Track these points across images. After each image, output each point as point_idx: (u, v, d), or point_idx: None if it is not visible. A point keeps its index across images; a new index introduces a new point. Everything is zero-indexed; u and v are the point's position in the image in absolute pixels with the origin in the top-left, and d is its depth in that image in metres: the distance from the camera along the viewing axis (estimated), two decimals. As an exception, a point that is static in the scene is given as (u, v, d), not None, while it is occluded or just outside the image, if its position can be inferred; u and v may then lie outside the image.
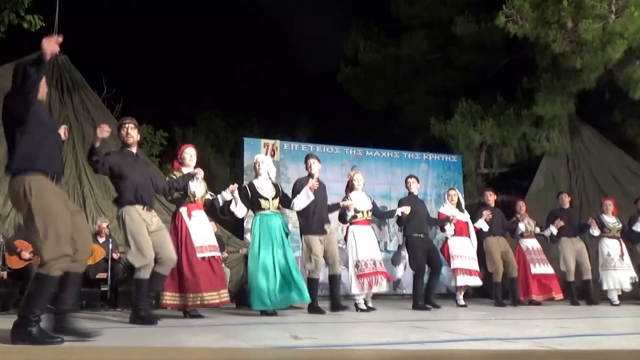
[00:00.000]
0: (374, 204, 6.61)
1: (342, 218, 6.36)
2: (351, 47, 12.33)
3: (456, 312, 6.32)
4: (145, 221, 4.62)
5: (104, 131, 4.33)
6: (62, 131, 4.02)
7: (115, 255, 6.87)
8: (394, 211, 6.92)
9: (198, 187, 5.37)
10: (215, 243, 5.38)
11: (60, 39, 3.19)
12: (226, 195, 5.54)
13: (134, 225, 4.55)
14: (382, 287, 6.25)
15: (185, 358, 2.87)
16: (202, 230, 5.25)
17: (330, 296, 6.28)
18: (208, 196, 5.56)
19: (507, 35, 9.32)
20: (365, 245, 6.22)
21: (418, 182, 7.23)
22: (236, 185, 5.61)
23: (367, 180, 9.45)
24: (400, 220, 6.92)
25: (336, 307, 6.06)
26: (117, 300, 6.62)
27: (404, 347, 3.13)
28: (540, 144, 10.73)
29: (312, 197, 5.91)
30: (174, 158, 5.74)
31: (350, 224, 6.33)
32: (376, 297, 8.80)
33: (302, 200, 5.93)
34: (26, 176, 3.18)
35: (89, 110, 8.64)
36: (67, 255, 3.15)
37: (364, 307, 6.18)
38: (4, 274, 6.36)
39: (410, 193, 7.13)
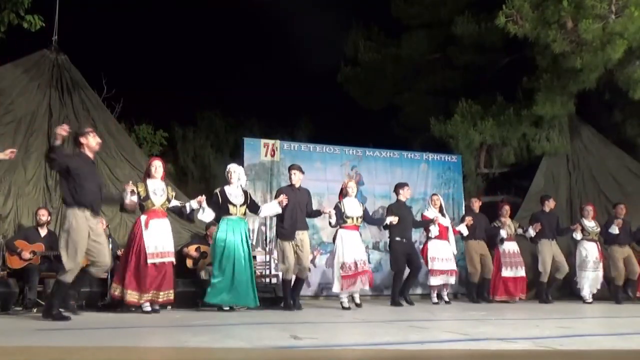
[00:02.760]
0: (365, 210, 7.12)
1: (329, 224, 6.90)
2: (351, 47, 12.31)
3: (456, 312, 6.33)
4: (91, 227, 4.83)
5: (64, 130, 4.70)
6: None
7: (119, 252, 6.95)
8: (382, 220, 7.46)
9: (157, 198, 5.92)
10: (170, 249, 5.91)
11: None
12: (194, 204, 6.11)
13: (78, 230, 4.74)
14: (365, 285, 6.71)
15: (185, 358, 2.87)
16: (157, 238, 5.80)
17: (291, 296, 6.63)
18: (177, 203, 6.13)
19: (507, 35, 9.31)
20: (350, 249, 6.69)
21: (409, 188, 7.84)
22: (204, 197, 6.15)
23: (367, 180, 9.56)
24: (387, 226, 7.46)
25: (290, 306, 6.46)
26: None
27: (404, 347, 3.13)
28: (540, 144, 10.73)
29: (279, 211, 6.49)
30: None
31: (340, 227, 6.81)
32: (376, 297, 8.85)
33: (268, 211, 6.57)
34: None
35: (89, 110, 8.63)
36: None
37: (347, 305, 6.61)
38: (4, 274, 6.36)
39: (398, 200, 7.67)
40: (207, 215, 6.17)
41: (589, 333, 4.06)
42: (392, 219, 7.19)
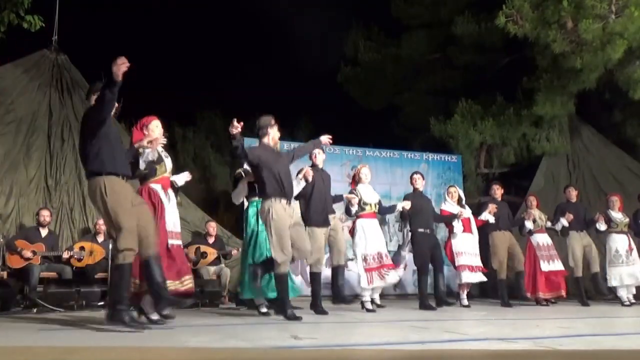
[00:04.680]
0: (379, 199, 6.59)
1: (348, 211, 6.33)
2: (351, 47, 12.32)
3: (456, 312, 6.31)
4: (290, 215, 4.80)
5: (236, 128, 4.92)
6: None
7: None
8: (395, 206, 6.90)
9: (168, 160, 4.94)
10: (180, 230, 4.86)
11: (125, 62, 3.88)
12: (179, 180, 5.24)
13: (279, 220, 4.70)
14: (391, 278, 6.15)
15: (185, 358, 2.87)
16: (174, 215, 4.74)
17: (332, 289, 5.99)
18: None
19: (507, 35, 9.31)
20: (372, 239, 6.18)
21: (423, 178, 7.26)
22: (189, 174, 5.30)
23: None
24: (402, 216, 6.98)
25: (340, 299, 5.83)
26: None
27: (404, 347, 3.13)
28: (540, 144, 10.73)
29: (303, 184, 5.75)
30: (136, 127, 5.17)
31: (358, 217, 6.30)
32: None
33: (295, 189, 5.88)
34: (100, 177, 3.88)
35: (89, 110, 8.63)
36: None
37: (370, 306, 6.12)
38: (4, 274, 6.37)
39: (415, 189, 7.14)
40: (237, 195, 5.71)
41: (589, 333, 4.06)
42: (405, 204, 6.67)
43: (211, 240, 7.79)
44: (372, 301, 6.24)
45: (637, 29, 8.50)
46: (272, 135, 5.14)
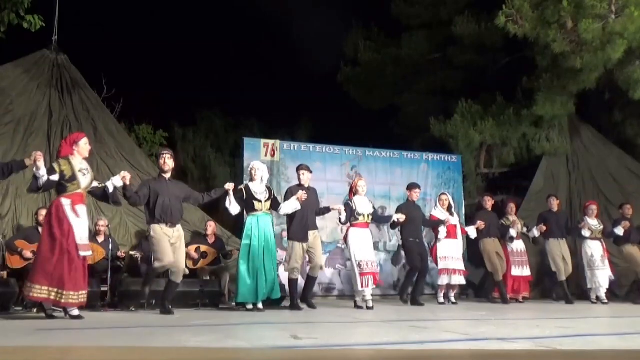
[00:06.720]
0: (374, 208, 7.18)
1: (339, 220, 6.91)
2: (351, 47, 12.31)
3: (456, 312, 6.33)
4: (168, 235, 5.62)
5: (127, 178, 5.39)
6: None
7: (121, 254, 6.98)
8: (390, 217, 7.52)
9: (84, 178, 5.05)
10: (88, 242, 5.10)
11: None
12: (116, 182, 5.33)
13: (159, 239, 5.58)
14: (371, 286, 6.72)
15: (185, 358, 2.87)
16: (83, 228, 4.98)
17: (302, 294, 6.74)
18: (96, 184, 5.31)
19: (507, 35, 9.31)
20: (365, 247, 6.74)
21: (420, 190, 7.89)
22: (128, 174, 5.46)
23: (367, 180, 9.51)
24: (394, 224, 7.50)
25: (308, 305, 6.53)
26: (117, 300, 6.62)
27: (404, 347, 3.13)
28: (540, 144, 10.73)
29: (299, 207, 6.47)
30: (66, 141, 5.25)
31: (352, 225, 6.84)
32: (376, 297, 8.84)
33: (289, 208, 6.51)
34: None
35: (89, 110, 8.63)
36: None
37: (362, 304, 6.65)
38: (4, 274, 6.37)
39: (408, 200, 7.78)
40: (234, 208, 6.16)
41: (589, 333, 4.06)
42: (399, 217, 7.24)
43: (211, 240, 7.79)
44: (365, 302, 6.71)
45: (637, 29, 8.50)
46: (160, 166, 5.88)
